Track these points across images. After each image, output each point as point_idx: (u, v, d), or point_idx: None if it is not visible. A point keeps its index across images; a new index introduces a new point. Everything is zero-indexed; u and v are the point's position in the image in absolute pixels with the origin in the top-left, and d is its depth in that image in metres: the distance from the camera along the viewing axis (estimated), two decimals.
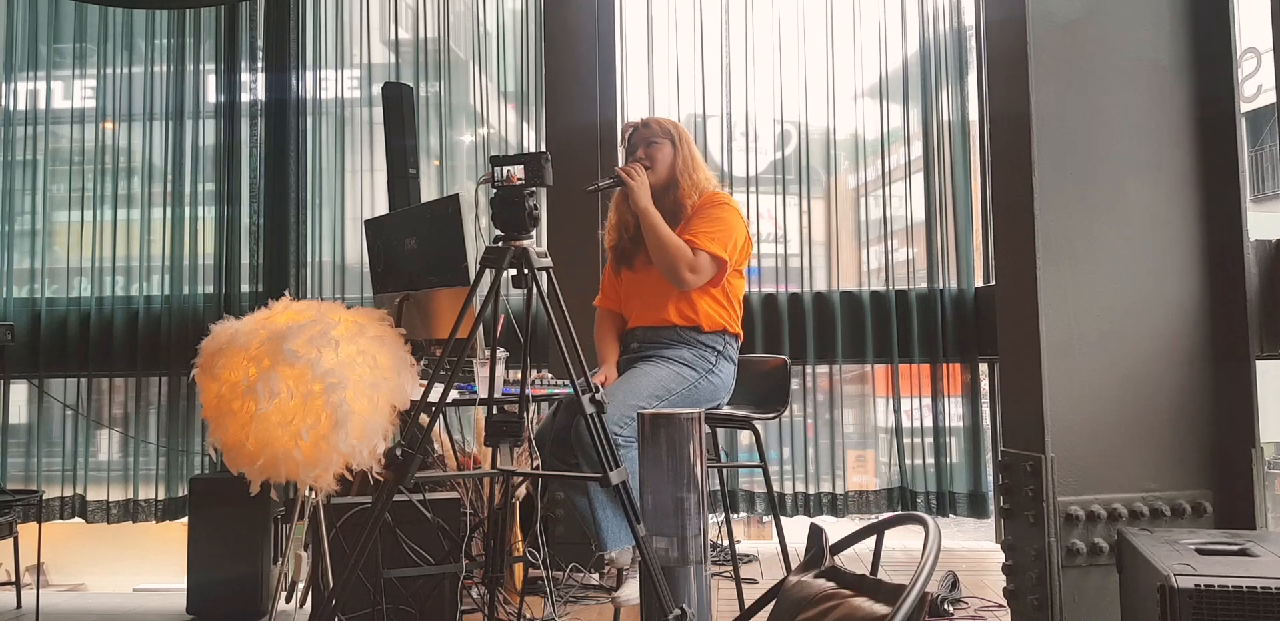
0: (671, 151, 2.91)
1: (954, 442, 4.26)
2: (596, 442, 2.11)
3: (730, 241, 2.79)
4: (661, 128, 2.93)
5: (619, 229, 2.98)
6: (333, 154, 4.54)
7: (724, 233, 2.79)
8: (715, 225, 2.80)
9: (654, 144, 2.90)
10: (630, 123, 2.99)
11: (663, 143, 2.90)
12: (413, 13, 4.55)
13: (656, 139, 2.90)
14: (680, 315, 2.81)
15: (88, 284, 4.52)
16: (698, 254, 2.76)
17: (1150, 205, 2.67)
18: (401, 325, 2.52)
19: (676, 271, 2.75)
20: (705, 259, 2.76)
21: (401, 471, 2.06)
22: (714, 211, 2.84)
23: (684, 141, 2.93)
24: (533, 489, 3.25)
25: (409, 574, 2.73)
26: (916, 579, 1.19)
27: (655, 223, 2.76)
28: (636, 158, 2.90)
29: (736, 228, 2.83)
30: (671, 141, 2.91)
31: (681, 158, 2.90)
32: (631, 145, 2.94)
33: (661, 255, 2.76)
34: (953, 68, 4.36)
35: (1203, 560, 2.01)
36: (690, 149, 2.93)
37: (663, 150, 2.90)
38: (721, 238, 2.78)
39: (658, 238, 2.76)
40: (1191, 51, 2.71)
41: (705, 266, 2.77)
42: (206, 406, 2.29)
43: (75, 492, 4.41)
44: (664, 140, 2.91)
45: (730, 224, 2.81)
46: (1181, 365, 2.64)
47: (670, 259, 2.75)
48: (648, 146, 2.90)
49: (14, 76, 4.60)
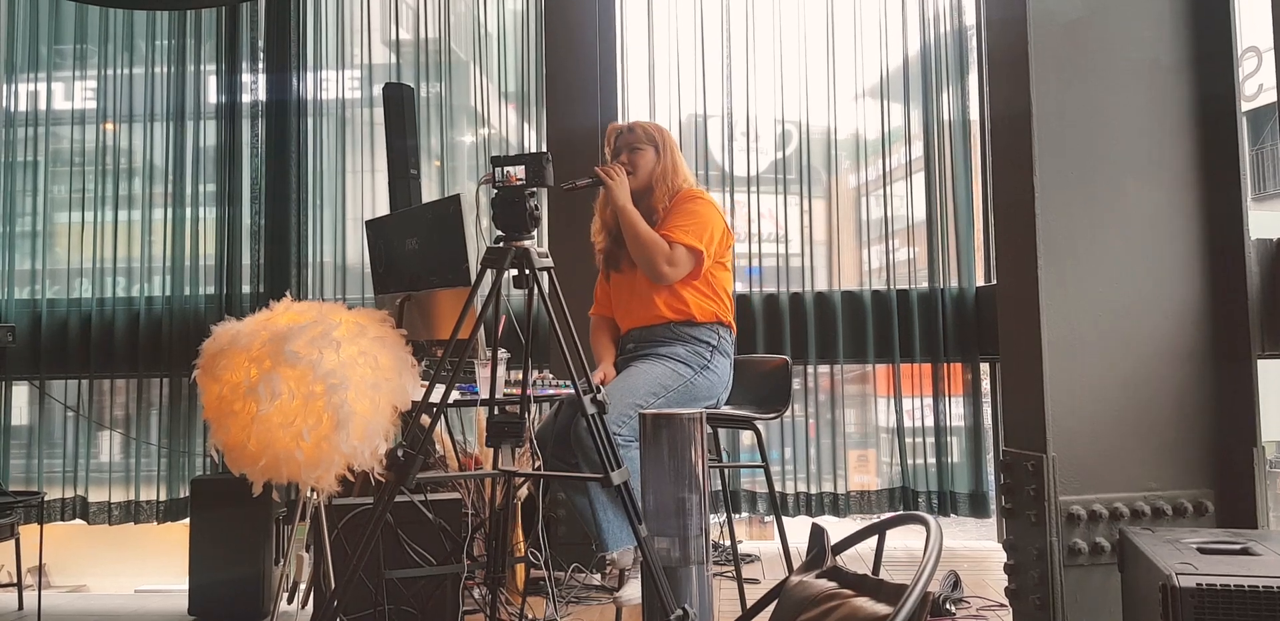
0: (654, 158, 2.94)
1: (955, 442, 4.26)
2: (598, 443, 2.11)
3: (706, 233, 2.82)
4: (646, 133, 2.95)
5: (604, 232, 3.02)
6: (334, 155, 4.54)
7: (698, 225, 2.82)
8: (689, 219, 2.83)
9: (637, 150, 2.93)
10: (615, 126, 3.02)
11: (646, 149, 2.93)
12: (413, 13, 4.55)
13: (640, 145, 2.93)
14: (671, 309, 2.83)
15: (89, 285, 4.52)
16: (674, 247, 2.79)
17: (1151, 204, 2.67)
18: (403, 326, 2.52)
19: (655, 266, 2.78)
20: (682, 252, 2.79)
21: (403, 472, 2.06)
22: (687, 206, 2.87)
23: (667, 148, 2.96)
24: (534, 489, 3.25)
25: (411, 574, 2.73)
26: (918, 579, 1.19)
27: (633, 220, 2.81)
28: (620, 161, 2.93)
29: (712, 220, 2.86)
30: (655, 147, 2.94)
31: (662, 166, 2.94)
32: (616, 149, 2.97)
33: (639, 250, 2.80)
34: (953, 67, 4.36)
35: (1204, 559, 2.01)
36: (672, 156, 2.96)
37: (645, 156, 2.93)
38: (696, 230, 2.81)
39: (635, 233, 2.80)
40: (1192, 50, 2.71)
41: (682, 259, 2.80)
42: (208, 407, 2.29)
43: (77, 494, 4.41)
44: (647, 147, 2.94)
45: (705, 216, 2.85)
46: (1183, 364, 2.64)
47: (648, 254, 2.78)
48: (631, 152, 2.93)
49: (15, 77, 4.60)
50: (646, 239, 2.79)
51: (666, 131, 3.03)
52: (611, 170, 2.85)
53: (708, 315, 2.84)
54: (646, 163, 2.93)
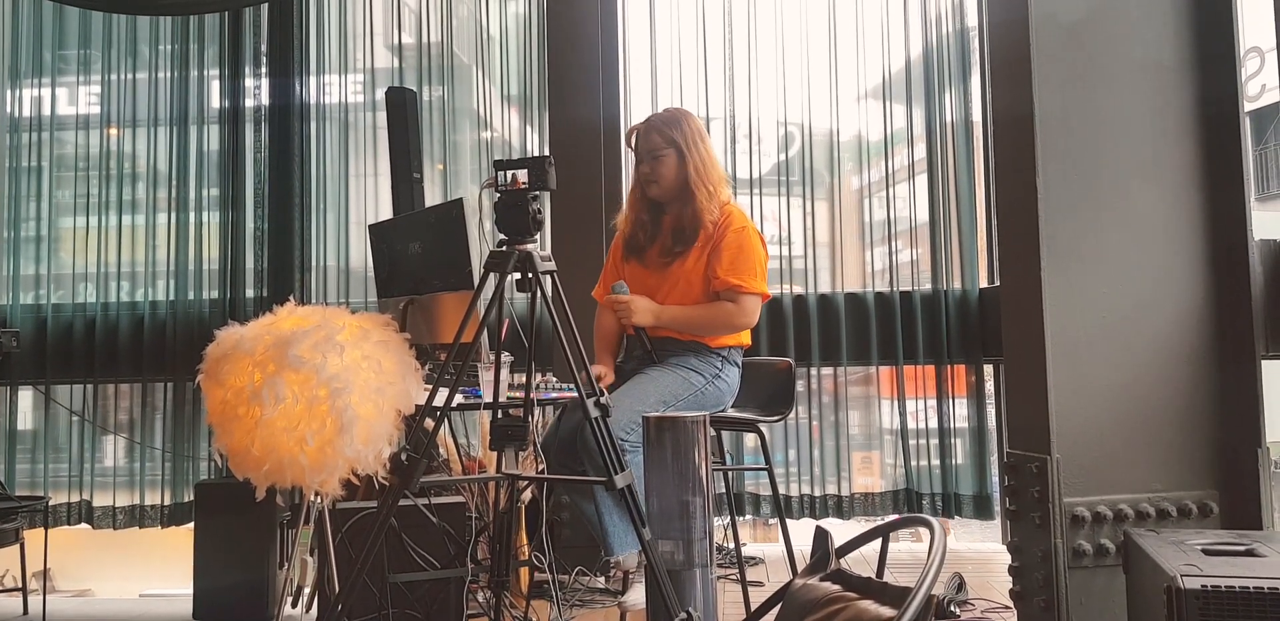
0: (677, 161, 2.73)
1: (959, 444, 4.26)
2: (601, 446, 2.10)
3: (764, 270, 2.74)
4: (664, 136, 2.73)
5: (634, 224, 2.87)
6: (337, 158, 4.54)
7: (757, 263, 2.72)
8: (747, 258, 2.70)
9: (658, 158, 2.74)
10: (634, 126, 2.84)
11: (666, 154, 2.74)
12: (416, 17, 4.56)
13: (660, 151, 2.74)
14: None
15: (93, 289, 4.53)
16: (743, 298, 2.68)
17: (1154, 205, 2.67)
18: (406, 329, 2.52)
19: (730, 332, 2.71)
20: (752, 303, 2.69)
21: (407, 476, 2.07)
22: (738, 240, 2.71)
23: (692, 144, 2.73)
24: (538, 492, 3.25)
25: (415, 578, 2.73)
26: (922, 581, 1.19)
27: (675, 323, 2.71)
28: (641, 173, 2.79)
29: (760, 252, 2.75)
30: (678, 149, 2.73)
31: (692, 165, 2.72)
32: (638, 156, 2.80)
33: (708, 331, 2.71)
34: (956, 69, 4.36)
35: (1209, 561, 2.01)
36: (701, 152, 2.74)
37: (666, 163, 2.74)
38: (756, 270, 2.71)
39: (688, 325, 2.71)
40: (1194, 51, 2.71)
41: (753, 308, 2.70)
42: (212, 412, 2.29)
43: (82, 498, 4.42)
44: (668, 150, 2.73)
45: (755, 250, 2.73)
46: (1187, 365, 2.63)
47: (714, 330, 2.71)
48: (653, 160, 2.75)
49: (19, 83, 4.62)
50: (701, 321, 2.69)
51: (687, 118, 2.78)
52: (617, 304, 2.72)
53: (720, 342, 2.78)
54: (670, 169, 2.74)
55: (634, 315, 2.70)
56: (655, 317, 2.71)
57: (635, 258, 2.87)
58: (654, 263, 2.82)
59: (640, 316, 2.71)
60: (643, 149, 2.79)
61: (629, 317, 2.71)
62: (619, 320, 2.77)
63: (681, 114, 2.82)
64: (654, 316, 2.71)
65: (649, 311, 2.72)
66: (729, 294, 2.70)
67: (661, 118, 2.81)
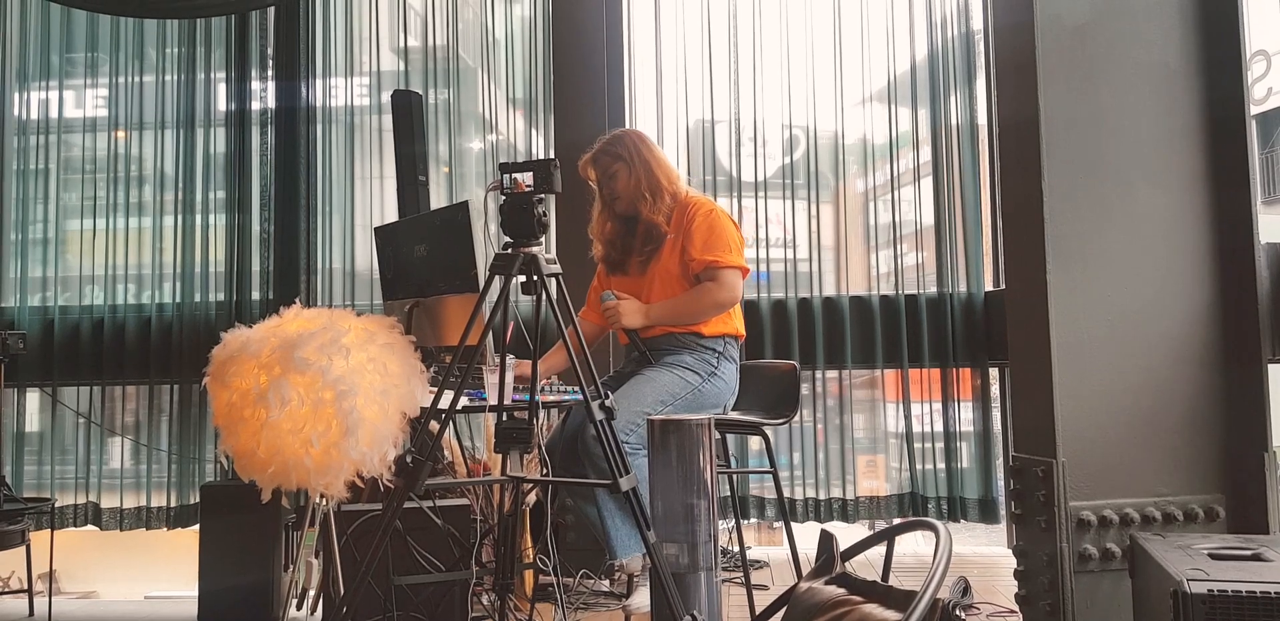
0: (627, 172, 2.85)
1: (965, 447, 4.25)
2: (606, 449, 2.10)
3: (737, 246, 2.80)
4: (611, 155, 2.86)
5: (604, 241, 2.96)
6: (343, 161, 4.55)
7: (727, 240, 2.78)
8: (716, 237, 2.77)
9: (613, 176, 2.86)
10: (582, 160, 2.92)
11: (617, 169, 2.86)
12: (422, 21, 4.57)
13: (610, 168, 2.86)
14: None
15: (100, 292, 4.55)
16: (722, 273, 2.73)
17: (1160, 208, 2.66)
18: (411, 332, 2.52)
19: (716, 310, 2.75)
20: (730, 276, 2.75)
21: (412, 478, 2.07)
22: (706, 221, 2.79)
23: (635, 153, 2.85)
24: (543, 495, 3.25)
25: (419, 580, 2.74)
26: (928, 585, 1.19)
27: (664, 316, 2.76)
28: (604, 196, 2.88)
29: (731, 231, 2.82)
30: (624, 161, 2.85)
31: (642, 168, 2.84)
32: (597, 182, 2.91)
33: (692, 317, 2.76)
34: (961, 72, 4.35)
35: (1216, 565, 2.00)
36: (645, 155, 2.85)
37: (620, 178, 2.86)
38: (730, 246, 2.77)
39: (677, 313, 2.76)
40: (1200, 54, 2.70)
41: (732, 282, 2.75)
42: (218, 414, 2.30)
43: (89, 500, 4.43)
44: (616, 164, 2.85)
45: (724, 229, 2.80)
46: (1193, 369, 2.63)
47: (702, 313, 2.75)
48: (609, 180, 2.87)
49: (27, 86, 4.63)
50: (692, 308, 2.74)
51: (625, 133, 2.92)
52: (607, 310, 2.80)
53: (715, 330, 2.82)
54: (624, 181, 2.85)
55: (623, 318, 2.77)
56: (645, 316, 2.78)
57: (618, 273, 2.96)
58: (635, 270, 2.90)
59: (630, 318, 2.77)
60: (600, 175, 2.90)
61: (619, 321, 2.78)
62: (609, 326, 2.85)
63: (621, 131, 2.97)
64: (643, 315, 2.78)
65: (637, 312, 2.79)
66: (708, 273, 2.77)
67: (603, 141, 2.94)
